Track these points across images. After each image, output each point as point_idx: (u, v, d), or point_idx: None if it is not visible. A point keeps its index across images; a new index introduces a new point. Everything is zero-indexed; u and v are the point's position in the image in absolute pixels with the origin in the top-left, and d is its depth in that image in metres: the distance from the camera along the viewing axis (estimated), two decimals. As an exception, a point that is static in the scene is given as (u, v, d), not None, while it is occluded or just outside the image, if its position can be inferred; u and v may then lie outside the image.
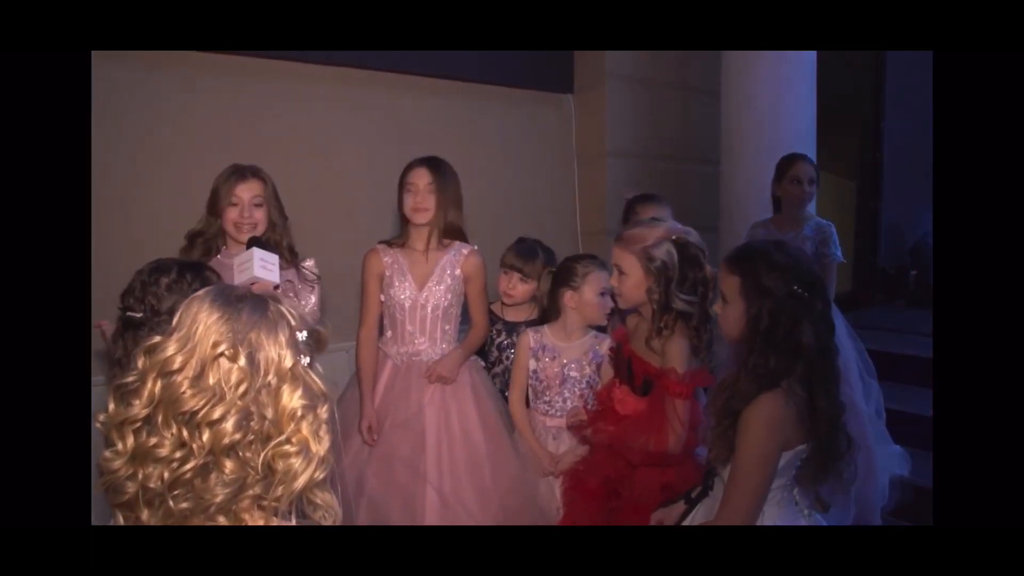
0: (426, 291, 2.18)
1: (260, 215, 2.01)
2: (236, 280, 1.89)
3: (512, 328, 2.40)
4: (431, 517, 2.06)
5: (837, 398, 1.36)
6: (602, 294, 2.12)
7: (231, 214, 1.99)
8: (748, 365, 1.36)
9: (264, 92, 2.70)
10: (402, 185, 2.17)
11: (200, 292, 0.89)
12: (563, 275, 2.19)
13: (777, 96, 3.20)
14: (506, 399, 2.29)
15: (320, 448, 0.88)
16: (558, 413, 2.16)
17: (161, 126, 2.52)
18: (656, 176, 3.56)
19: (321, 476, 0.88)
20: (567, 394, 2.15)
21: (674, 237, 1.79)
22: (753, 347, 1.37)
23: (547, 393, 2.17)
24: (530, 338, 2.21)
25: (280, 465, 0.86)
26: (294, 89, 2.77)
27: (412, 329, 2.20)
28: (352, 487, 2.13)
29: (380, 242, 2.26)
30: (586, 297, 2.14)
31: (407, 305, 2.18)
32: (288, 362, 0.87)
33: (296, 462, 0.86)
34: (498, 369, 2.40)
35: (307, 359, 0.90)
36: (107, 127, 2.25)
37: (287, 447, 0.86)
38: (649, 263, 1.77)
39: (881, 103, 4.39)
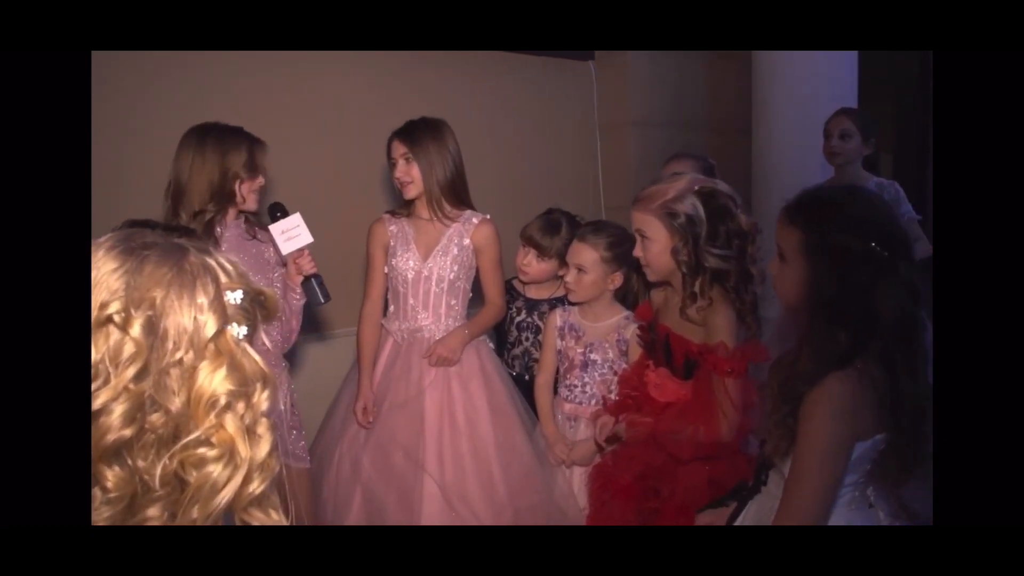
0: (431, 261, 2.03)
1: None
2: (284, 250, 1.77)
3: (533, 306, 2.23)
4: (429, 512, 1.91)
5: (926, 381, 1.11)
6: (581, 269, 1.96)
7: (253, 184, 1.81)
8: (811, 340, 1.13)
9: (276, 71, 2.52)
10: (388, 160, 2.06)
11: (100, 239, 0.67)
12: None
13: (814, 59, 2.99)
14: (526, 383, 2.14)
15: (255, 452, 0.66)
16: (576, 399, 2.01)
17: (161, 115, 2.34)
18: (683, 147, 3.38)
19: (257, 490, 0.66)
20: (587, 379, 2.00)
21: (697, 187, 1.56)
22: (817, 318, 1.13)
23: (568, 376, 2.03)
24: (557, 317, 2.07)
25: (193, 475, 0.63)
26: (303, 66, 2.59)
27: (415, 303, 2.05)
28: (348, 474, 2.00)
29: (387, 211, 2.13)
30: None
31: (410, 277, 2.03)
32: (209, 331, 0.64)
33: (216, 470, 0.63)
34: (517, 351, 2.23)
35: (243, 329, 0.67)
36: (103, 124, 2.10)
37: (203, 450, 0.64)
38: (672, 220, 1.54)
39: (929, 66, 4.14)
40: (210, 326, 0.64)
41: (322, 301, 1.84)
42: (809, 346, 1.13)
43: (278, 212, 1.83)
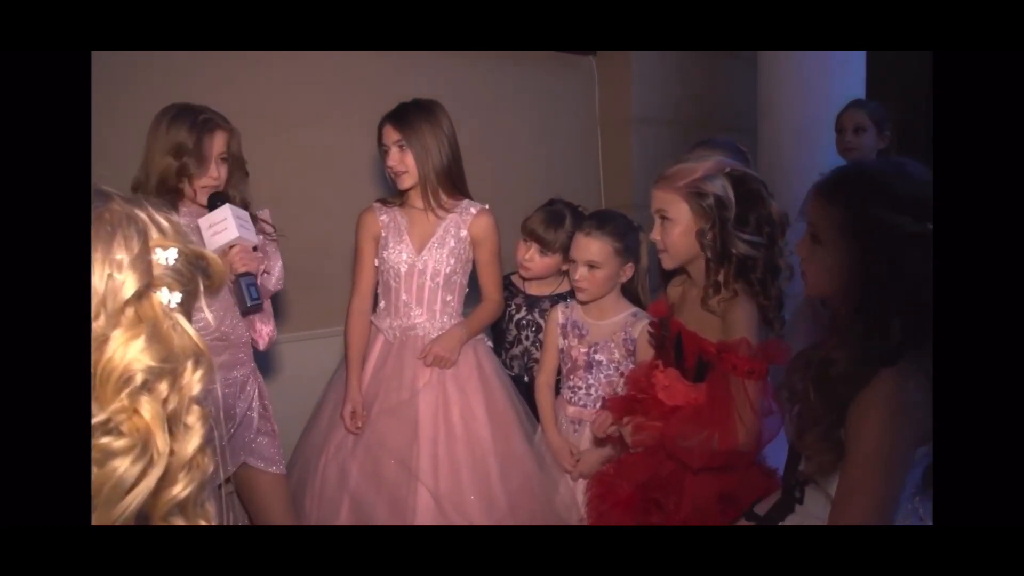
0: (425, 254, 1.91)
1: (225, 172, 1.67)
2: (209, 245, 1.59)
3: (534, 303, 2.13)
4: (423, 523, 1.78)
5: None
6: (592, 265, 1.86)
7: (208, 175, 1.64)
8: (854, 334, 1.00)
9: (269, 72, 2.43)
10: (379, 147, 1.93)
11: None
12: None
13: (821, 55, 2.96)
14: (526, 385, 2.05)
15: (180, 446, 0.56)
16: (581, 402, 1.91)
17: (151, 109, 2.30)
18: (687, 145, 3.36)
19: (182, 494, 0.56)
20: (591, 380, 1.90)
21: (728, 170, 1.47)
22: (862, 309, 1.01)
23: (572, 377, 1.93)
24: (559, 313, 1.97)
25: (93, 472, 0.53)
26: (294, 54, 2.53)
27: (408, 299, 1.93)
28: (334, 482, 1.87)
29: (377, 200, 2.01)
30: None
31: (403, 270, 1.91)
32: (127, 292, 0.54)
33: (123, 465, 0.52)
34: (516, 350, 2.13)
35: (176, 295, 0.57)
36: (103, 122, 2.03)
37: (107, 439, 0.53)
38: (700, 200, 1.44)
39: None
40: (128, 286, 0.54)
41: (247, 303, 1.66)
42: (849, 341, 1.01)
43: (218, 202, 1.66)
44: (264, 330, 1.79)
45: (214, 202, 1.66)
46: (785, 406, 1.18)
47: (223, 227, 1.60)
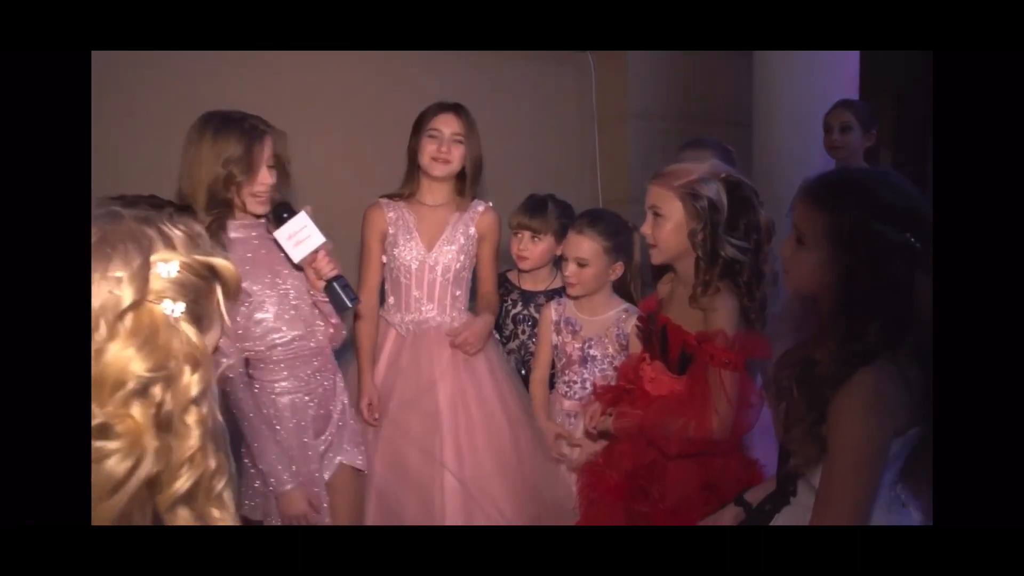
0: (436, 251, 1.96)
1: (274, 178, 1.64)
2: (295, 257, 1.61)
3: (529, 298, 2.19)
4: (452, 511, 1.83)
5: None
6: (581, 263, 1.91)
7: (253, 187, 1.58)
8: (834, 336, 1.06)
9: (269, 62, 2.47)
10: (421, 130, 1.94)
11: None
12: None
13: (815, 51, 2.97)
14: (523, 379, 2.10)
15: (179, 444, 0.58)
16: (576, 396, 1.96)
17: (161, 109, 2.26)
18: (683, 140, 3.37)
19: (183, 487, 0.59)
20: (587, 375, 1.96)
21: (723, 175, 1.53)
22: (841, 311, 1.06)
23: (567, 372, 1.98)
24: (552, 311, 2.01)
25: (92, 469, 0.56)
26: (296, 58, 2.53)
27: (419, 295, 1.97)
28: None
29: (383, 195, 2.03)
30: None
31: (413, 267, 1.96)
32: (124, 304, 0.58)
33: (114, 463, 0.55)
34: (513, 344, 2.19)
35: (179, 305, 0.60)
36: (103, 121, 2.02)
37: (100, 443, 0.55)
38: (694, 201, 1.49)
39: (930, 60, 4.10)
40: (125, 300, 0.59)
41: (348, 305, 1.69)
42: (830, 341, 1.06)
43: (284, 214, 1.64)
44: (332, 326, 1.78)
45: (280, 213, 1.65)
46: (772, 402, 1.23)
47: (306, 235, 1.60)
